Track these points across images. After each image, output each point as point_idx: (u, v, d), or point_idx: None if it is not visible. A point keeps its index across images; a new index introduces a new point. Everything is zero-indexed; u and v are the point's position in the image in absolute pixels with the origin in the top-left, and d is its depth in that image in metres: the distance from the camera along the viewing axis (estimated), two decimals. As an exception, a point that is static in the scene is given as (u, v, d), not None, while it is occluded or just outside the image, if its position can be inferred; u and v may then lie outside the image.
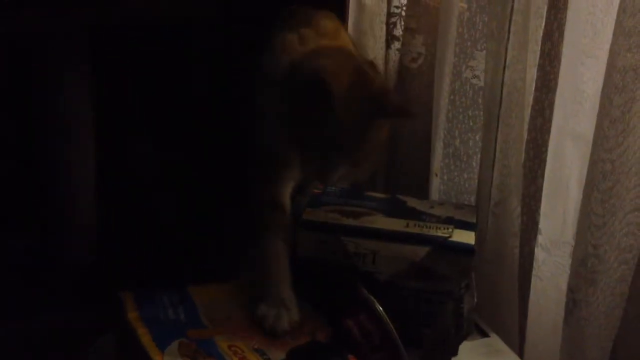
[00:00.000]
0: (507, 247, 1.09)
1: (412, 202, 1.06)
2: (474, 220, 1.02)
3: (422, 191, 1.21)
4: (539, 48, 1.02)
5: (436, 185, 1.21)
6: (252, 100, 0.98)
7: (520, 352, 1.08)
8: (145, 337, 0.83)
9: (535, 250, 1.07)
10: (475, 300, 0.88)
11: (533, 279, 1.08)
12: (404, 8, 1.20)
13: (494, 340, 1.02)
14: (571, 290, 0.96)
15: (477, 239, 0.98)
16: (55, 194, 1.15)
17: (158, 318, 0.87)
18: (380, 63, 1.21)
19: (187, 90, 1.18)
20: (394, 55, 1.22)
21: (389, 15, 1.20)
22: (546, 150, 1.04)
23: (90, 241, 1.15)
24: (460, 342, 0.85)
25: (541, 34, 1.02)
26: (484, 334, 1.01)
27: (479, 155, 1.16)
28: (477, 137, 1.16)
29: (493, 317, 1.08)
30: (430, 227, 0.97)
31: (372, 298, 0.90)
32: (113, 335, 0.92)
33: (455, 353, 0.83)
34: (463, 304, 0.87)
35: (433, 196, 1.21)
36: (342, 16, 1.16)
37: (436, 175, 1.21)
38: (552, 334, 1.05)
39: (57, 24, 1.06)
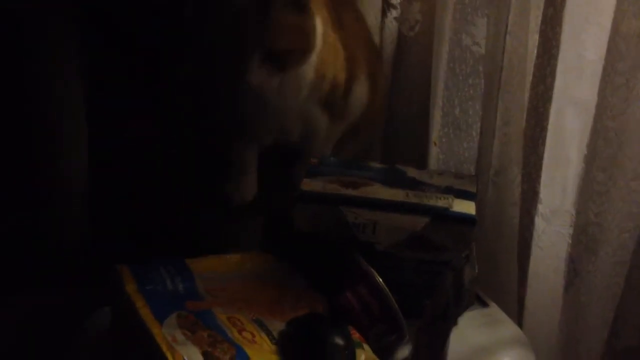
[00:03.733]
0: (506, 216, 1.09)
1: (412, 172, 1.04)
2: (474, 190, 1.00)
3: (421, 160, 1.21)
4: (541, 13, 1.01)
5: (435, 155, 1.20)
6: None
7: (519, 321, 1.08)
8: (143, 310, 0.82)
9: (535, 219, 1.07)
10: (476, 271, 0.87)
11: (533, 248, 1.07)
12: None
13: (494, 309, 1.01)
14: (572, 259, 0.95)
15: (477, 208, 0.97)
16: (47, 169, 1.13)
17: (156, 290, 0.86)
18: (375, 32, 1.19)
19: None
20: (391, 24, 1.20)
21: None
22: (547, 118, 1.03)
23: (83, 218, 1.14)
24: (460, 313, 0.84)
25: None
26: (484, 304, 1.01)
27: (479, 124, 1.15)
28: (477, 106, 1.15)
29: (492, 287, 1.08)
30: (430, 197, 0.96)
31: (372, 269, 0.89)
32: (109, 308, 0.91)
33: (455, 324, 0.83)
34: (463, 274, 0.86)
35: (432, 165, 1.20)
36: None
37: (435, 144, 1.20)
38: (552, 304, 1.05)
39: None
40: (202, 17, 0.97)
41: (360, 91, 1.11)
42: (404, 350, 0.87)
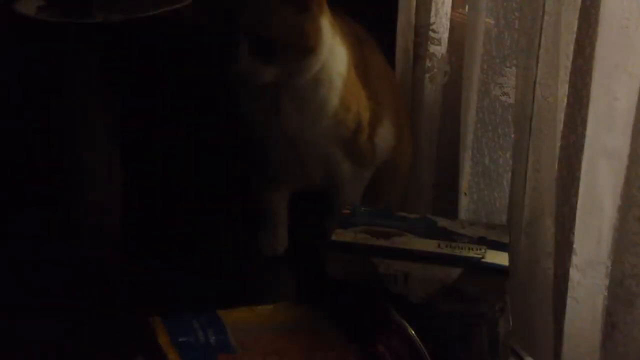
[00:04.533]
0: (540, 267, 1.07)
1: (443, 222, 1.04)
2: (507, 241, 1.00)
3: (452, 211, 1.20)
4: (570, 64, 1.01)
5: (465, 205, 1.19)
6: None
7: (555, 376, 1.05)
8: (175, 363, 0.82)
9: (570, 270, 1.05)
10: (511, 324, 0.86)
11: (568, 301, 1.05)
12: (431, 26, 1.19)
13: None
14: (609, 313, 0.93)
15: (510, 259, 0.95)
16: (79, 199, 1.14)
17: (188, 343, 0.86)
18: (407, 81, 1.20)
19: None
20: (420, 74, 1.21)
21: (416, 33, 1.20)
22: (579, 168, 1.02)
23: (115, 256, 1.14)
24: (496, 368, 0.83)
25: (572, 49, 1.01)
26: (519, 358, 0.99)
27: (509, 174, 1.14)
28: (508, 155, 1.14)
29: (527, 341, 1.06)
30: (462, 248, 0.95)
31: (404, 321, 0.88)
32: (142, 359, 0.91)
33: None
34: (498, 328, 0.85)
35: (462, 215, 1.20)
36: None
37: (465, 194, 1.19)
38: (589, 358, 1.02)
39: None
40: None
41: (385, 135, 1.11)
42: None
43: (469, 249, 0.95)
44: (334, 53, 1.02)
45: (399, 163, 1.17)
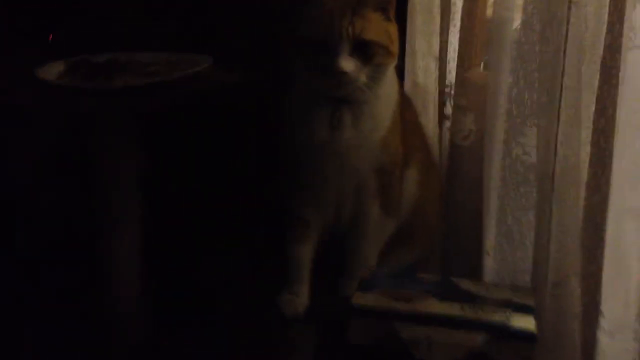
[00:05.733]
0: (567, 330, 1.04)
1: (466, 284, 1.01)
2: (532, 303, 0.97)
3: (475, 271, 1.18)
4: (592, 124, 1.00)
5: (489, 265, 1.17)
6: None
7: None
8: None
9: (597, 333, 1.02)
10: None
11: (597, 364, 1.02)
12: (454, 86, 1.20)
13: None
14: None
15: (537, 323, 0.93)
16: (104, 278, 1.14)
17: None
18: (434, 142, 1.20)
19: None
20: (446, 133, 1.21)
21: (440, 94, 1.20)
22: (605, 228, 1.00)
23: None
24: None
25: (593, 110, 1.00)
26: None
27: (532, 234, 1.12)
28: (530, 215, 1.13)
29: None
30: (486, 311, 0.93)
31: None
32: None
33: None
34: (526, 395, 0.82)
35: (485, 276, 1.17)
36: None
37: (488, 254, 1.17)
38: None
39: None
40: None
41: (412, 181, 1.11)
42: None
43: (493, 312, 0.93)
44: (392, 71, 1.07)
45: (424, 219, 1.16)
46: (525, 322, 0.92)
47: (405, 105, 1.12)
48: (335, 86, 1.01)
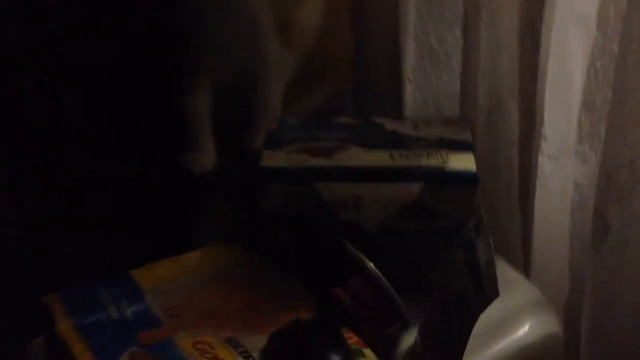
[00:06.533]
0: (503, 158, 0.94)
1: (391, 125, 0.88)
2: (469, 138, 0.85)
3: (395, 102, 1.04)
4: None
5: (411, 93, 1.04)
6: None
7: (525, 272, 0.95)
8: (84, 356, 0.65)
9: (539, 158, 0.92)
10: (492, 249, 0.71)
11: (538, 191, 0.93)
12: None
13: (503, 267, 0.86)
14: (599, 212, 0.80)
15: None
16: None
17: (98, 324, 0.69)
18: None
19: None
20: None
21: None
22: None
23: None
24: (483, 308, 0.68)
25: None
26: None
27: (460, 54, 0.98)
28: (457, 33, 0.98)
29: (495, 241, 0.95)
30: (419, 156, 0.80)
31: (361, 255, 0.74)
32: (44, 341, 0.73)
33: (475, 319, 0.67)
34: (477, 252, 0.70)
35: (408, 105, 1.04)
36: None
37: (409, 80, 1.03)
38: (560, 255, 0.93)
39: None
40: None
41: (313, 8, 0.99)
42: (410, 336, 0.73)
43: (427, 155, 0.80)
44: None
45: (332, 50, 1.04)
46: (464, 161, 0.80)
47: None
48: None
